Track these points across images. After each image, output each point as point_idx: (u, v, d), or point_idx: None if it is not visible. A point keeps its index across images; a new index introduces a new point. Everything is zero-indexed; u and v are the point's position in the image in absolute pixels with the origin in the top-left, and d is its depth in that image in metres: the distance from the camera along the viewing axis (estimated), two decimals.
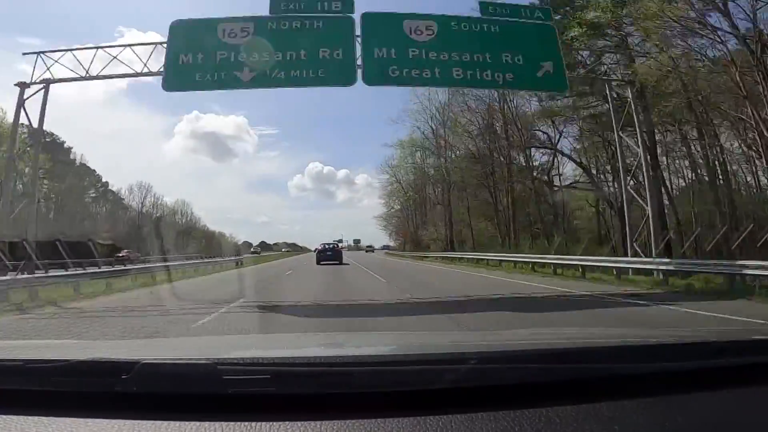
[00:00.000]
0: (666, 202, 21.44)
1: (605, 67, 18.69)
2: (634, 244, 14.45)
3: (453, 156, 38.01)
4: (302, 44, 11.38)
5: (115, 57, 12.54)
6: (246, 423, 0.88)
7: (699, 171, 23.16)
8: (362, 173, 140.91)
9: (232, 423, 0.88)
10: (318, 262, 27.99)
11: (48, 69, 12.33)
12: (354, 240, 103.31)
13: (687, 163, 24.06)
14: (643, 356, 1.18)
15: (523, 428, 0.86)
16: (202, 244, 52.02)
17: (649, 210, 13.95)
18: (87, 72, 12.40)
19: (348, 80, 11.59)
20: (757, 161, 19.76)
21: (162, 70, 11.70)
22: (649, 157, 15.55)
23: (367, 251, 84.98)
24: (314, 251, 37.13)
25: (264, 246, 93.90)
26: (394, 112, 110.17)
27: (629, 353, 1.21)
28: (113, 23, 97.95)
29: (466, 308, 8.36)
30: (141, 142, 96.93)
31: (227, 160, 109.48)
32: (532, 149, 30.97)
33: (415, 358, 1.15)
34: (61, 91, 76.33)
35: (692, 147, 22.36)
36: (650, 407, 0.95)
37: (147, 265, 19.01)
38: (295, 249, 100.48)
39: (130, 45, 13.26)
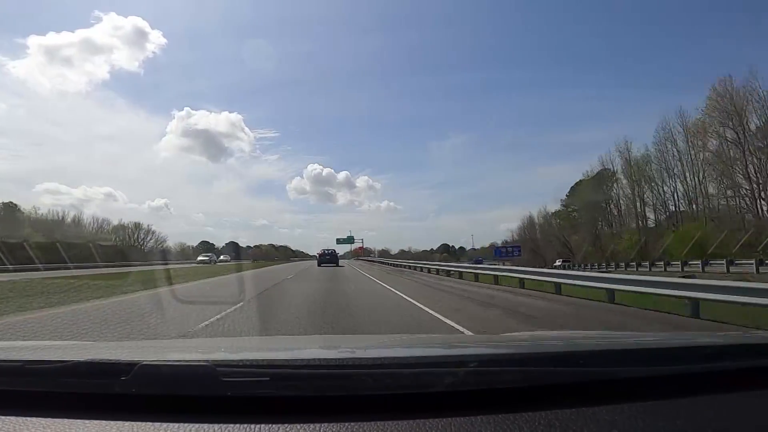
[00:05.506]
0: None
1: None
2: None
3: None
4: None
5: None
6: (245, 425, 0.87)
7: None
8: (363, 175, 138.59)
9: (231, 425, 0.88)
10: (319, 264, 34.35)
11: None
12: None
13: None
14: (642, 360, 1.18)
15: (522, 431, 0.86)
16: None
17: None
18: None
19: None
20: None
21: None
22: None
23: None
24: (315, 255, 44.70)
25: (236, 250, 60.31)
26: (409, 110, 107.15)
27: (628, 357, 1.21)
28: (88, 7, 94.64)
29: None
30: (130, 141, 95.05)
31: (223, 161, 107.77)
32: None
33: (414, 361, 1.15)
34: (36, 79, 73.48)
35: None
36: (649, 411, 0.95)
37: None
38: (286, 255, 74.02)
39: None
